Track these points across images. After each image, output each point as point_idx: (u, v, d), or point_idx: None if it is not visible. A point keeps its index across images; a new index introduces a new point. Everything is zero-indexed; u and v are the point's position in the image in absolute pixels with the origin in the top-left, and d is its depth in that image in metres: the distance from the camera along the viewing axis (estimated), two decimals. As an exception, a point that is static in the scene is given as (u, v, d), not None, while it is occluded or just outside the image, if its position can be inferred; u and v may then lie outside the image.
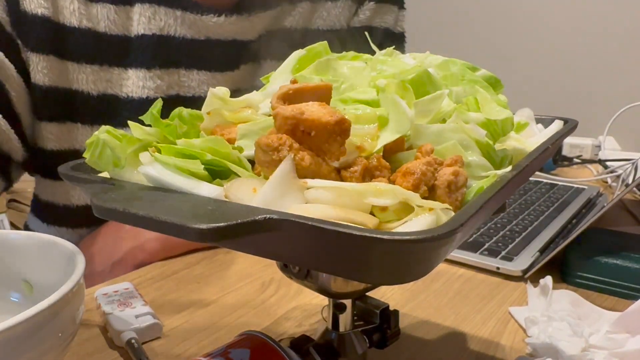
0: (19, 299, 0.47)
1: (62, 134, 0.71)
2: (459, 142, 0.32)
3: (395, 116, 0.32)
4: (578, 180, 1.00)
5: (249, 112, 0.37)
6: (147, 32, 0.69)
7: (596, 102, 1.89)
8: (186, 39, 0.71)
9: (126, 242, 0.68)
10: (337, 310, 0.39)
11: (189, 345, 0.49)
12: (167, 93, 0.71)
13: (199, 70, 0.73)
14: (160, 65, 0.70)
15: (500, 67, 2.24)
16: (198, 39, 0.72)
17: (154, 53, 0.70)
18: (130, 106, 0.71)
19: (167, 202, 0.27)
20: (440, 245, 0.24)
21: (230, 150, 0.31)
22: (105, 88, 0.70)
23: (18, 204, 2.05)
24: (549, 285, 0.54)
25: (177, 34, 0.70)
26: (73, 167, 0.33)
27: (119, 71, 0.70)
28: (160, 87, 0.71)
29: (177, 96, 0.72)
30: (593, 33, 1.92)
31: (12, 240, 0.47)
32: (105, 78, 0.70)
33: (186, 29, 0.71)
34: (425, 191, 0.28)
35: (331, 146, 0.28)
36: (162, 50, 0.70)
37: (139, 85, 0.70)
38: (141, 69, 0.70)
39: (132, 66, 0.70)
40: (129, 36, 0.70)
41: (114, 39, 0.69)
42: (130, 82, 0.70)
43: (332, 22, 0.81)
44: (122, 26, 0.70)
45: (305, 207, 0.26)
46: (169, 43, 0.70)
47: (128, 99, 0.71)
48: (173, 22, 0.70)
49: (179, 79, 0.72)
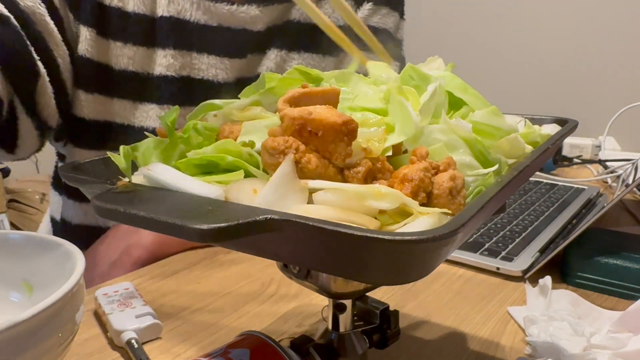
0: (19, 299, 0.46)
1: (96, 105, 0.75)
2: (449, 143, 0.32)
3: (401, 119, 0.32)
4: (578, 180, 1.00)
5: (257, 110, 0.37)
6: (165, 14, 0.75)
7: (596, 102, 1.89)
8: (200, 23, 0.76)
9: (122, 241, 0.69)
10: (337, 310, 0.39)
11: (189, 345, 0.49)
12: (180, 73, 0.76)
13: (209, 55, 0.77)
14: (174, 46, 0.75)
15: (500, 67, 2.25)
16: (211, 25, 0.77)
17: (170, 34, 0.75)
18: (154, 84, 0.75)
19: (168, 202, 0.27)
20: (441, 245, 0.24)
21: (240, 149, 0.31)
22: (128, 66, 0.75)
23: (18, 204, 2.05)
24: (548, 285, 0.54)
25: (192, 19, 0.75)
26: (73, 167, 0.33)
27: (143, 51, 0.75)
28: (172, 65, 0.75)
29: (188, 77, 0.77)
30: (593, 33, 1.92)
31: (12, 240, 0.47)
32: (130, 56, 0.75)
33: (201, 14, 0.76)
34: (424, 197, 0.28)
35: (337, 147, 0.28)
36: (178, 32, 0.75)
37: (161, 63, 0.75)
38: (160, 50, 0.75)
39: (156, 47, 0.76)
40: (155, 17, 0.75)
41: (142, 18, 0.75)
42: (156, 63, 0.76)
43: (336, 18, 0.83)
44: (149, 6, 0.75)
45: (306, 208, 0.26)
46: (184, 26, 0.75)
47: (152, 77, 0.76)
48: (189, 7, 0.75)
49: (191, 61, 0.77)
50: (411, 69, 0.39)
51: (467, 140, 0.33)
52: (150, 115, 0.76)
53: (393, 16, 0.88)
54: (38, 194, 2.13)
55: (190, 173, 0.31)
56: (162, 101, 0.76)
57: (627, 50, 1.86)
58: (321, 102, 0.31)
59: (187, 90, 0.77)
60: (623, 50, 1.87)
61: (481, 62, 2.08)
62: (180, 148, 0.34)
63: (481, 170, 0.32)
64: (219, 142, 0.32)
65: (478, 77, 1.10)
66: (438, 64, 0.44)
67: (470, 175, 0.32)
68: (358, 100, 0.36)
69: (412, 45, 0.92)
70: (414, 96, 0.36)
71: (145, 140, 0.34)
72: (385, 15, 0.87)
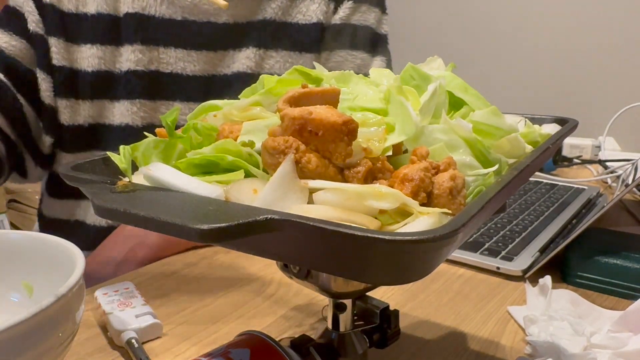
0: (19, 299, 0.46)
1: (75, 110, 0.78)
2: (449, 143, 0.32)
3: (401, 119, 0.32)
4: (578, 180, 1.00)
5: (257, 110, 0.37)
6: (130, 11, 0.77)
7: (596, 102, 1.89)
8: (164, 18, 0.78)
9: (127, 241, 0.69)
10: (337, 310, 0.39)
11: (189, 345, 0.49)
12: (148, 67, 0.78)
13: (176, 48, 0.79)
14: (141, 41, 0.77)
15: (500, 67, 2.25)
16: (175, 19, 0.78)
17: (136, 30, 0.77)
18: (124, 80, 0.78)
19: (168, 202, 0.27)
20: (442, 245, 0.24)
21: (240, 148, 0.31)
22: (100, 65, 0.77)
23: (18, 204, 2.05)
24: (548, 285, 0.54)
25: (156, 14, 0.78)
26: (73, 167, 0.33)
27: (111, 49, 0.78)
28: (141, 60, 0.78)
29: (157, 72, 0.79)
30: (593, 33, 1.92)
31: (12, 240, 0.47)
32: (100, 56, 0.77)
33: (164, 8, 0.78)
34: (424, 197, 0.28)
35: (338, 146, 0.28)
36: (144, 28, 0.78)
37: (129, 59, 0.77)
38: (127, 45, 0.78)
39: (123, 43, 0.78)
40: (119, 15, 0.78)
41: (105, 18, 0.77)
42: (123, 59, 0.78)
43: (311, 17, 0.83)
44: (112, 6, 0.78)
45: (306, 208, 0.26)
46: (150, 21, 0.78)
47: (121, 74, 0.78)
48: (153, 2, 0.78)
49: (158, 56, 0.79)
50: (412, 69, 0.39)
51: (468, 140, 0.33)
52: (122, 112, 0.78)
53: (373, 12, 0.88)
54: (38, 194, 2.12)
55: (190, 173, 0.31)
56: (133, 96, 0.78)
57: (627, 50, 1.86)
58: (321, 102, 0.31)
59: (157, 84, 0.78)
60: (623, 50, 1.87)
61: (481, 62, 2.08)
62: (180, 148, 0.34)
63: (481, 170, 0.32)
64: (218, 142, 0.32)
65: (478, 77, 1.10)
66: (438, 64, 0.44)
67: (470, 175, 0.32)
68: (358, 100, 0.36)
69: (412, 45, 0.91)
70: (414, 96, 0.36)
71: (145, 140, 0.34)
72: (365, 12, 0.87)
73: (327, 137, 0.28)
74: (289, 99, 0.32)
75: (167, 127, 0.33)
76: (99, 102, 0.78)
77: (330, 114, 0.28)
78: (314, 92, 0.32)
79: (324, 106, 0.29)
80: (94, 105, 0.78)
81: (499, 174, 0.32)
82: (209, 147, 0.31)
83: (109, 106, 0.78)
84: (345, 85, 0.39)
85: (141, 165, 0.33)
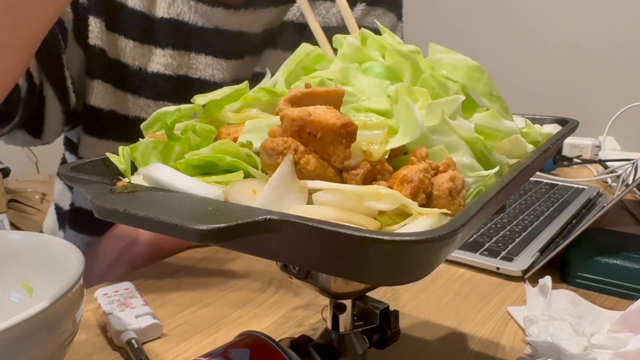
0: (19, 299, 0.47)
1: (108, 96, 0.78)
2: (449, 144, 0.32)
3: (405, 121, 0.32)
4: (578, 180, 1.00)
5: (254, 111, 0.37)
6: (165, 16, 0.78)
7: (596, 102, 1.89)
8: (197, 26, 0.79)
9: (120, 240, 0.69)
10: (337, 310, 0.39)
11: (189, 345, 0.49)
12: (177, 72, 0.79)
13: (207, 55, 0.80)
14: (173, 46, 0.79)
15: (500, 67, 2.25)
16: (208, 27, 0.79)
17: (169, 35, 0.78)
18: (151, 82, 0.79)
19: (168, 202, 0.27)
20: (441, 246, 0.24)
21: (238, 149, 0.31)
22: (134, 61, 0.78)
23: (18, 204, 2.05)
24: (548, 285, 0.54)
25: (190, 21, 0.79)
26: (73, 167, 0.33)
27: (147, 48, 0.79)
28: (170, 65, 0.79)
29: (185, 76, 0.80)
30: (593, 33, 1.92)
31: (12, 240, 0.47)
32: (137, 51, 0.78)
33: (198, 17, 0.79)
34: (423, 198, 0.28)
35: (336, 149, 0.28)
36: (177, 34, 0.79)
37: (159, 62, 0.79)
38: (159, 49, 0.79)
39: (156, 45, 0.79)
40: (154, 17, 0.79)
41: (140, 15, 0.78)
42: (153, 61, 0.79)
43: (330, 19, 0.84)
44: (146, 6, 0.78)
45: (305, 208, 0.26)
46: (183, 28, 0.79)
47: (149, 74, 0.79)
48: (187, 10, 0.79)
49: (189, 61, 0.80)
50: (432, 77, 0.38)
51: (469, 140, 0.33)
52: (144, 109, 0.78)
53: (389, 17, 0.88)
54: (38, 194, 2.12)
55: (189, 174, 0.30)
56: (159, 97, 0.78)
57: (627, 50, 1.86)
58: (324, 103, 0.31)
59: (185, 88, 0.79)
60: (623, 50, 1.87)
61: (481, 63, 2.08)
62: (179, 149, 0.34)
63: (482, 172, 0.32)
64: (216, 143, 0.32)
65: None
66: None
67: (470, 176, 0.32)
68: (363, 101, 0.36)
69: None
70: (424, 97, 0.36)
71: (143, 140, 0.34)
72: (380, 15, 0.87)
73: (326, 139, 0.28)
74: (291, 98, 0.32)
75: (167, 128, 0.33)
76: (122, 94, 0.78)
77: (329, 116, 0.28)
78: (317, 93, 0.32)
79: (324, 107, 0.29)
80: (117, 93, 0.78)
81: (499, 176, 0.32)
82: (207, 148, 0.31)
83: (132, 99, 0.79)
84: (346, 82, 0.39)
85: (140, 166, 0.33)
